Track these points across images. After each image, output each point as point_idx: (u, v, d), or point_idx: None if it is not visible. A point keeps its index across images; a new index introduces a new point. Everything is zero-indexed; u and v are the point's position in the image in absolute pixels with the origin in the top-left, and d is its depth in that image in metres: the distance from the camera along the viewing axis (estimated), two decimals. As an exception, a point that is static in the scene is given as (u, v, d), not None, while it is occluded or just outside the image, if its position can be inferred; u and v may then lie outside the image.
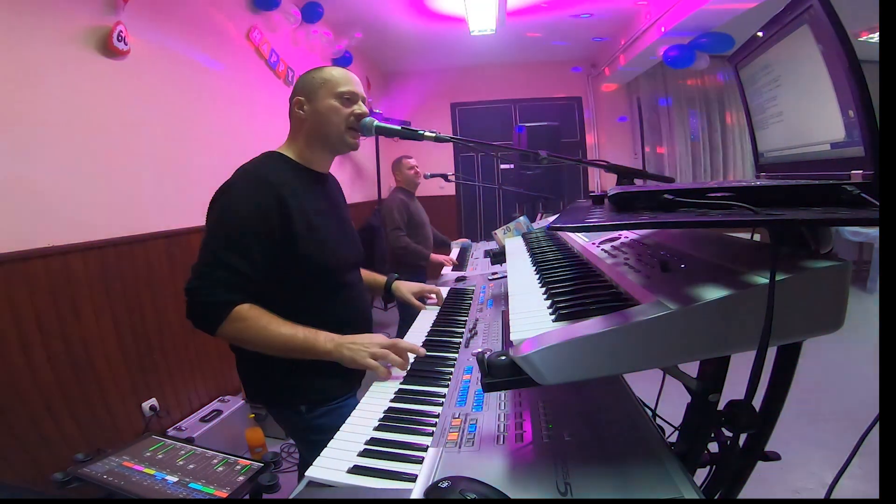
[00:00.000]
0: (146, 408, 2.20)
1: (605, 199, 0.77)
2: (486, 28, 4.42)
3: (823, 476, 1.98)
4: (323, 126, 1.21)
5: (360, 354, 1.06)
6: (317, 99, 1.20)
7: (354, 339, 1.09)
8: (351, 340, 1.08)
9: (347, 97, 1.21)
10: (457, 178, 5.51)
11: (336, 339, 1.08)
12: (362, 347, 1.07)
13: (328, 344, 1.08)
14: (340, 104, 1.20)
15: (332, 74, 1.22)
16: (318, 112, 1.20)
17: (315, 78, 1.22)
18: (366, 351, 1.06)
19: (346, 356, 1.06)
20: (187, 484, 1.09)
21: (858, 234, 4.58)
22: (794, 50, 0.71)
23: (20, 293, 1.71)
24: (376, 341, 1.08)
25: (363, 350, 1.06)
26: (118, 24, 2.07)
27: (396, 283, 1.60)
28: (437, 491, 0.58)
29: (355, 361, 1.06)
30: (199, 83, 2.66)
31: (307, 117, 1.21)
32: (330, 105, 1.20)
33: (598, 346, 0.55)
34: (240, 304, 1.06)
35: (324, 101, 1.20)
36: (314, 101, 1.20)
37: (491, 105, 6.27)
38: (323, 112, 1.20)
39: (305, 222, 1.15)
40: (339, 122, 1.21)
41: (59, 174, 1.87)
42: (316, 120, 1.21)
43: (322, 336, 1.09)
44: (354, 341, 1.08)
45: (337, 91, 1.20)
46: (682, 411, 0.79)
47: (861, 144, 0.61)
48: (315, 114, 1.21)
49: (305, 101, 1.21)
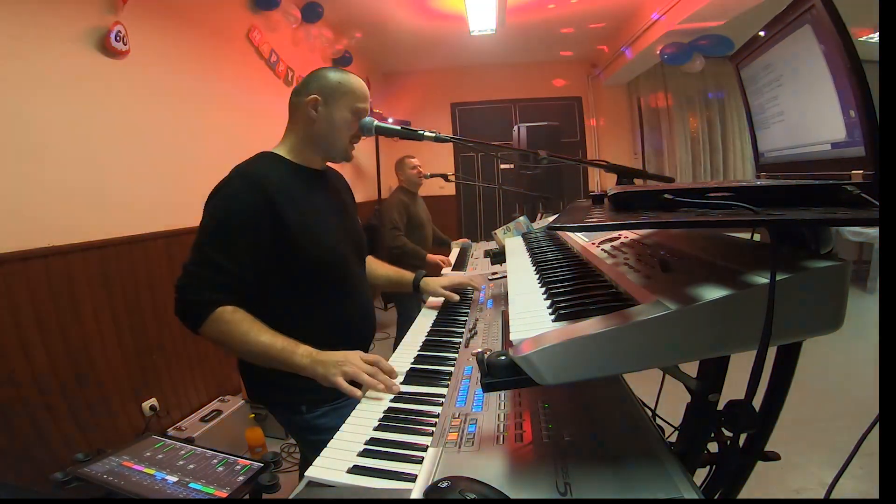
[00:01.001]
0: (146, 408, 2.20)
1: (605, 199, 0.77)
2: (486, 28, 4.42)
3: (823, 476, 1.98)
4: (331, 134, 1.21)
5: (331, 372, 1.01)
6: (334, 106, 1.20)
7: (330, 357, 1.04)
8: (326, 357, 1.04)
9: (360, 114, 1.22)
10: (457, 178, 5.51)
11: (313, 355, 1.05)
12: (334, 366, 1.02)
13: (304, 359, 1.04)
14: (353, 120, 1.21)
15: (354, 86, 1.21)
16: (332, 120, 1.20)
17: (336, 82, 1.20)
18: (338, 369, 1.01)
19: (318, 373, 1.03)
20: (187, 484, 1.09)
21: (858, 234, 4.58)
22: (796, 50, 0.70)
23: (20, 293, 1.71)
24: (351, 360, 1.02)
25: (335, 368, 1.01)
26: (116, 25, 2.08)
27: (426, 280, 1.57)
28: (436, 491, 0.58)
29: (327, 379, 1.01)
30: (200, 83, 2.66)
31: (318, 119, 1.20)
32: (345, 118, 1.20)
33: (598, 346, 0.55)
34: (223, 305, 1.06)
35: (341, 111, 1.20)
36: (331, 107, 1.20)
37: (491, 105, 6.27)
38: (336, 122, 1.20)
39: (299, 219, 1.14)
40: (347, 137, 1.22)
41: (59, 174, 1.87)
42: (327, 126, 1.21)
43: (301, 349, 1.06)
44: (329, 359, 1.04)
45: (355, 106, 1.21)
46: (682, 411, 0.79)
47: (862, 144, 0.61)
48: (328, 120, 1.20)
49: (322, 102, 1.19)
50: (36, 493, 1.52)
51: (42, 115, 1.82)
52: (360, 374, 0.99)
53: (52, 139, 1.85)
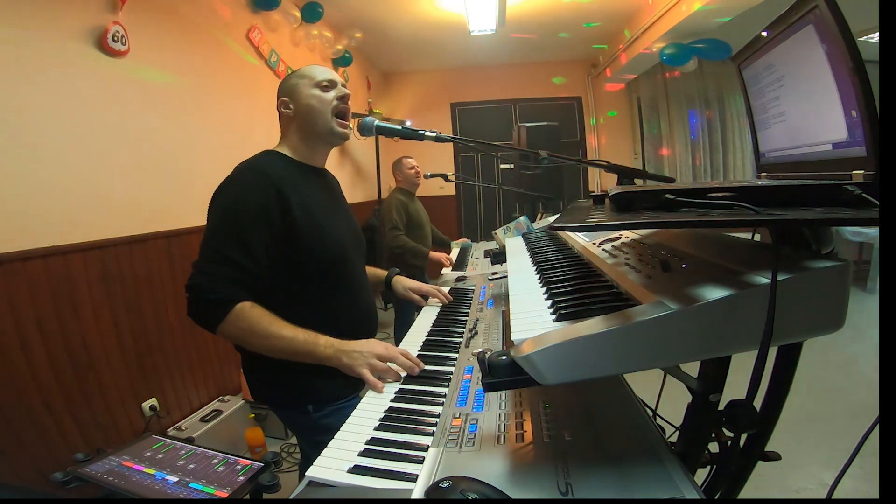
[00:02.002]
0: (146, 408, 2.19)
1: (605, 199, 0.77)
2: (486, 28, 4.42)
3: (823, 476, 1.98)
4: (310, 115, 1.23)
5: (358, 363, 1.05)
6: (298, 94, 1.23)
7: (354, 347, 1.07)
8: (351, 348, 1.07)
9: (326, 84, 1.24)
10: (457, 178, 5.50)
11: (336, 345, 1.07)
12: (361, 356, 1.05)
13: (328, 349, 1.07)
14: (321, 91, 1.23)
15: (308, 71, 1.26)
16: (302, 104, 1.23)
17: (293, 77, 1.26)
18: (364, 360, 1.05)
19: (344, 363, 1.05)
20: (187, 484, 1.09)
21: (859, 234, 4.58)
22: (798, 50, 0.70)
23: (20, 293, 1.71)
24: (376, 351, 1.06)
25: (362, 359, 1.05)
26: (114, 24, 2.07)
27: (397, 278, 1.60)
28: (437, 491, 0.58)
29: (353, 370, 1.05)
30: (200, 83, 2.66)
31: (294, 113, 1.24)
32: (311, 95, 1.23)
33: (599, 346, 0.55)
34: (242, 302, 1.06)
35: (304, 94, 1.23)
36: (296, 97, 1.23)
37: (491, 105, 6.26)
38: (306, 104, 1.23)
39: (305, 213, 1.15)
40: (325, 110, 1.23)
41: (59, 174, 1.87)
42: (301, 114, 1.23)
43: (322, 340, 1.08)
44: (354, 349, 1.07)
45: (315, 81, 1.24)
46: (683, 411, 0.79)
47: (863, 145, 0.61)
48: (299, 109, 1.23)
49: (290, 99, 1.24)
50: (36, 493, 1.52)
51: (42, 114, 1.81)
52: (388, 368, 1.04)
53: (52, 139, 1.85)
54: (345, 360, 1.05)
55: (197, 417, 2.40)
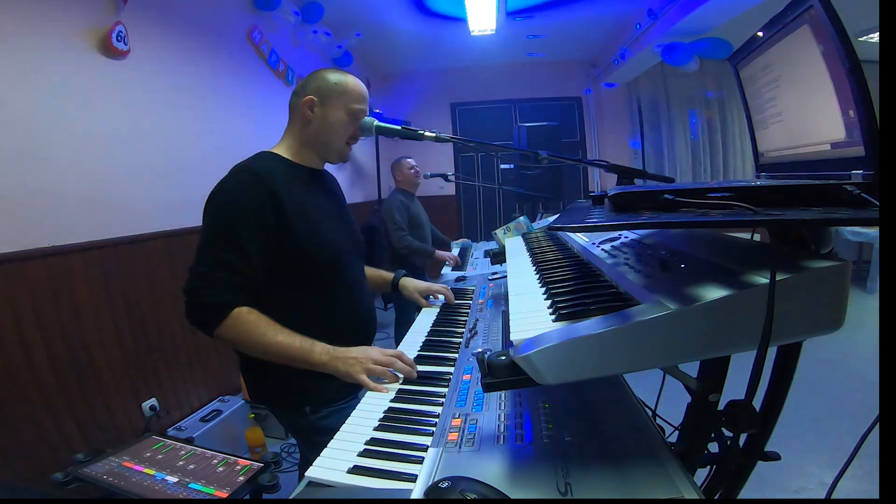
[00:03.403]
0: (146, 408, 2.20)
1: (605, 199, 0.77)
2: (486, 28, 4.42)
3: (823, 476, 1.98)
4: (327, 135, 1.22)
5: (355, 369, 1.03)
6: (330, 106, 1.20)
7: (350, 354, 1.06)
8: (347, 355, 1.06)
9: (358, 115, 1.22)
10: (457, 178, 5.50)
11: (331, 352, 1.07)
12: (357, 363, 1.04)
13: (323, 356, 1.06)
14: (350, 121, 1.21)
15: (351, 87, 1.21)
16: (328, 120, 1.20)
17: (333, 83, 1.20)
18: (361, 367, 1.04)
19: (340, 370, 1.04)
20: (187, 484, 1.09)
21: (858, 234, 4.58)
22: (795, 50, 0.71)
23: (20, 293, 1.71)
24: (372, 357, 1.05)
25: (359, 365, 1.04)
26: (118, 24, 2.08)
27: (404, 280, 1.59)
28: (437, 491, 0.58)
29: (350, 377, 1.04)
30: (200, 83, 2.66)
31: (314, 120, 1.21)
32: (340, 118, 1.20)
33: (599, 346, 0.55)
34: (239, 306, 1.06)
35: (336, 111, 1.20)
36: (326, 107, 1.20)
37: (491, 105, 6.26)
38: (332, 122, 1.20)
39: (300, 215, 1.14)
40: (343, 138, 1.22)
41: (59, 174, 1.87)
42: (322, 127, 1.21)
43: (318, 347, 1.07)
44: (350, 356, 1.06)
45: (351, 107, 1.21)
46: (682, 411, 0.79)
47: (861, 144, 0.61)
48: (324, 120, 1.20)
49: (318, 103, 1.20)
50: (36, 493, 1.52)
51: (42, 114, 1.81)
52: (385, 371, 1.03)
53: (53, 139, 1.85)
54: (341, 367, 1.04)
55: (197, 417, 2.40)
